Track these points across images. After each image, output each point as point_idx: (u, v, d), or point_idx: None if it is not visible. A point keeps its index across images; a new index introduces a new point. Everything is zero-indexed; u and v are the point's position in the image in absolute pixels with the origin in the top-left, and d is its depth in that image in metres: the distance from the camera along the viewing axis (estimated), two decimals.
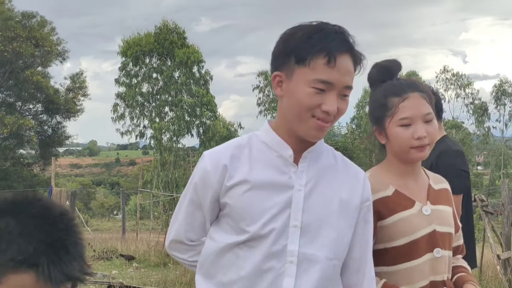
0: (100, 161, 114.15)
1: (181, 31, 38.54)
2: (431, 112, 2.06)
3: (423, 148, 2.05)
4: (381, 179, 2.11)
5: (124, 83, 38.05)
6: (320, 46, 1.66)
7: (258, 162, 1.76)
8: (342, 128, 28.69)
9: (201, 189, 1.80)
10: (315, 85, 1.67)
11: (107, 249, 12.98)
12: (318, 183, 1.78)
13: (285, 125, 1.77)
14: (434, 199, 2.13)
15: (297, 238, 1.72)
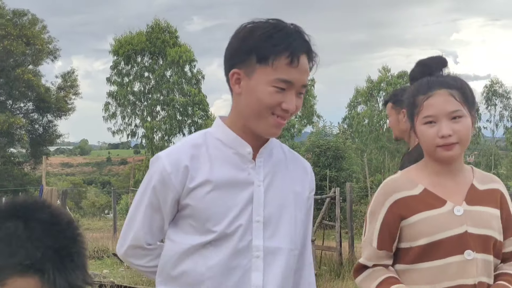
0: (91, 160, 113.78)
1: (173, 30, 38.49)
2: (458, 109, 1.97)
3: (449, 147, 1.98)
4: (411, 178, 2.08)
5: (116, 82, 37.95)
6: (283, 46, 1.68)
7: (216, 161, 1.77)
8: (333, 128, 28.74)
9: (161, 192, 1.76)
10: (276, 84, 1.69)
11: (98, 248, 12.96)
12: (274, 177, 1.82)
13: (242, 122, 1.78)
14: (474, 199, 2.03)
15: (261, 233, 1.75)
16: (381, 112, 42.55)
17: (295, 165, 1.91)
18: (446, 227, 1.98)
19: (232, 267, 1.73)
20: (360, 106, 44.82)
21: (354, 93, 45.49)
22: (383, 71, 45.00)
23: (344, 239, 11.55)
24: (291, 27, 1.73)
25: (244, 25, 1.77)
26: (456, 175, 2.07)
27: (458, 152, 2.00)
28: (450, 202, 2.02)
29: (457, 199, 2.03)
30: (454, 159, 2.03)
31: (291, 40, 1.70)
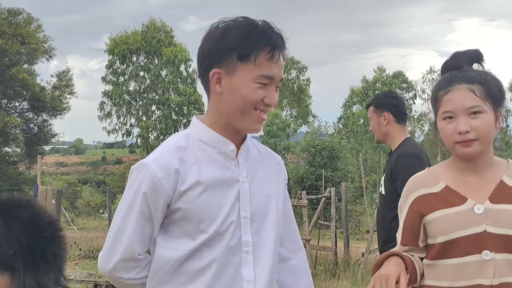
0: (86, 159, 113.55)
1: (169, 30, 38.47)
2: (477, 105, 1.91)
3: (467, 144, 1.92)
4: (435, 175, 2.06)
5: (111, 81, 37.90)
6: (263, 42, 1.71)
7: (202, 161, 1.77)
8: (329, 127, 28.76)
9: (152, 198, 1.73)
10: (260, 80, 1.72)
11: (93, 248, 12.92)
12: (255, 172, 1.85)
13: (224, 120, 1.79)
14: (500, 197, 1.94)
15: (248, 229, 1.79)
16: None
17: (269, 159, 1.96)
18: (464, 225, 1.94)
19: (224, 264, 1.75)
20: (355, 106, 44.91)
21: (349, 93, 45.59)
22: (378, 71, 45.12)
23: (339, 239, 11.55)
24: (265, 23, 1.76)
25: (215, 25, 1.78)
26: (483, 172, 2.00)
27: (478, 149, 1.93)
28: (471, 200, 1.96)
29: (480, 196, 1.96)
30: (474, 156, 1.96)
31: (270, 36, 1.72)
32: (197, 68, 1.82)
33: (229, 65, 1.72)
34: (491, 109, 1.94)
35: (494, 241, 1.91)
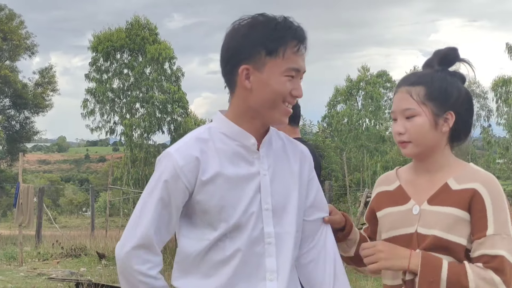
0: (69, 157, 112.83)
1: (153, 27, 38.26)
2: (411, 108, 1.95)
3: (403, 145, 1.98)
4: (395, 174, 2.13)
5: (95, 78, 37.62)
6: (289, 36, 1.77)
7: (223, 154, 1.82)
8: (313, 126, 28.85)
9: (173, 186, 1.77)
10: (288, 73, 1.78)
11: (76, 246, 12.84)
12: (277, 165, 1.89)
13: (249, 114, 1.83)
14: (439, 199, 1.95)
15: (270, 220, 1.82)
16: (360, 111, 42.85)
17: (294, 150, 1.97)
18: (401, 225, 2.00)
19: (248, 255, 1.79)
20: (339, 105, 45.01)
21: (333, 92, 45.67)
22: (363, 70, 45.26)
23: None
24: (285, 18, 1.81)
25: (237, 23, 1.82)
26: (433, 174, 2.02)
27: (413, 151, 1.98)
28: (412, 201, 2.01)
29: (422, 198, 2.00)
30: (411, 157, 2.03)
31: (294, 30, 1.79)
32: (222, 65, 1.85)
33: (258, 61, 1.77)
34: (429, 112, 1.95)
35: (421, 242, 1.94)
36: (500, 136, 48.35)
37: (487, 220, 1.87)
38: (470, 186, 1.92)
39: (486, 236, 1.86)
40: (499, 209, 1.89)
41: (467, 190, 1.92)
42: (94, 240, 14.39)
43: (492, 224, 1.87)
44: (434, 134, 1.96)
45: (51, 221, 20.50)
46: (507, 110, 42.76)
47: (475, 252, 1.88)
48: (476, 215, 1.89)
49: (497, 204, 1.89)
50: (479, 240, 1.87)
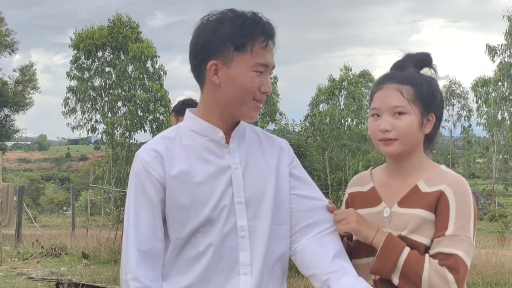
0: (50, 155, 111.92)
1: (135, 25, 38.08)
2: (402, 105, 1.93)
3: (388, 143, 1.95)
4: (369, 174, 2.12)
5: (76, 76, 37.36)
6: (258, 31, 1.77)
7: (192, 150, 1.82)
8: (295, 126, 28.86)
9: (145, 182, 1.78)
10: (256, 69, 1.78)
11: (56, 245, 12.74)
12: (250, 158, 1.88)
13: (219, 110, 1.83)
14: (408, 201, 1.96)
15: (244, 213, 1.81)
16: (342, 110, 43.04)
17: (271, 144, 1.96)
18: None
19: (220, 249, 1.78)
20: (322, 105, 45.20)
21: (316, 92, 45.84)
22: (345, 70, 45.49)
23: None
24: (254, 14, 1.81)
25: (206, 18, 1.82)
26: (406, 176, 2.01)
27: (398, 149, 1.95)
28: (384, 203, 2.01)
29: (393, 200, 2.00)
30: (394, 156, 1.98)
31: (262, 25, 1.79)
32: (190, 60, 1.85)
33: (226, 56, 1.77)
34: (418, 112, 1.95)
35: None
36: (480, 136, 48.88)
37: (449, 220, 1.88)
38: (438, 189, 1.93)
39: (444, 235, 1.87)
40: (462, 211, 1.89)
41: (435, 192, 1.93)
42: (74, 239, 14.29)
43: (452, 225, 1.87)
44: (419, 134, 1.97)
45: (31, 220, 20.32)
46: (487, 110, 43.22)
47: (432, 250, 1.89)
48: (439, 215, 1.90)
49: (461, 206, 1.90)
50: (437, 239, 1.88)
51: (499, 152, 45.55)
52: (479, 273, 9.16)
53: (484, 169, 51.75)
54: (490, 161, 47.67)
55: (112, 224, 17.40)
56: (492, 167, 46.65)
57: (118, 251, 11.68)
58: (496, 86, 42.29)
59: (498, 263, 9.53)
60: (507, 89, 41.93)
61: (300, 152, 24.44)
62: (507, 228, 21.77)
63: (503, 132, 43.63)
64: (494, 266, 9.43)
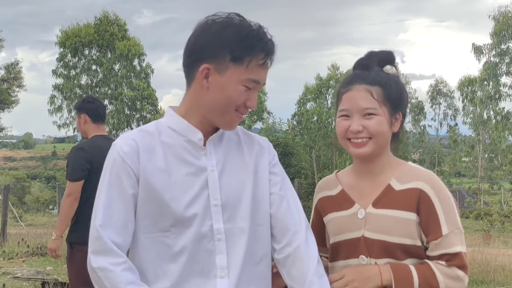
0: (35, 154, 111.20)
1: (122, 23, 37.93)
2: (372, 107, 1.93)
3: (360, 145, 1.94)
4: (338, 178, 2.09)
5: (62, 74, 37.16)
6: (259, 48, 1.74)
7: (170, 148, 1.79)
8: (283, 124, 28.91)
9: (120, 170, 1.75)
10: (247, 84, 1.75)
11: (42, 244, 12.64)
12: (228, 160, 1.85)
13: (200, 112, 1.80)
14: (383, 201, 1.95)
15: (220, 216, 1.78)
16: (330, 109, 43.12)
17: (251, 143, 1.93)
18: (347, 229, 1.98)
19: (196, 252, 1.76)
20: (309, 103, 45.29)
21: (303, 90, 45.91)
22: (332, 68, 45.59)
23: None
24: (260, 28, 1.78)
25: (211, 19, 1.78)
26: (376, 176, 2.01)
27: (370, 150, 1.94)
28: (357, 205, 1.99)
29: (366, 201, 1.98)
30: (366, 156, 1.97)
31: (265, 42, 1.75)
32: (184, 56, 1.81)
33: (221, 64, 1.73)
34: (387, 112, 1.95)
35: (370, 246, 1.93)
36: (466, 135, 49.23)
37: (439, 220, 1.90)
38: (414, 186, 1.94)
39: (442, 236, 1.89)
40: (447, 206, 1.92)
41: (411, 190, 1.93)
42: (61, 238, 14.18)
43: (444, 224, 1.90)
44: (388, 134, 1.97)
45: (16, 219, 20.16)
46: (473, 109, 43.55)
47: (433, 252, 1.91)
48: (427, 216, 1.91)
49: (444, 201, 1.92)
50: (435, 241, 1.90)
51: (485, 151, 45.92)
52: None
53: (470, 167, 52.15)
54: (475, 159, 48.05)
55: None
56: (477, 166, 47.04)
57: None
58: (481, 85, 42.61)
59: (484, 261, 9.60)
60: (492, 88, 42.27)
61: (288, 151, 24.54)
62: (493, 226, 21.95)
63: (489, 131, 43.98)
64: (479, 264, 9.50)
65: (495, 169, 47.76)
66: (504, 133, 42.25)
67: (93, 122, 4.66)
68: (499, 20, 41.00)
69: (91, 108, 4.65)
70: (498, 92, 42.11)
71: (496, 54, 42.02)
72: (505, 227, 24.06)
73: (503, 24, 40.63)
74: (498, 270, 9.23)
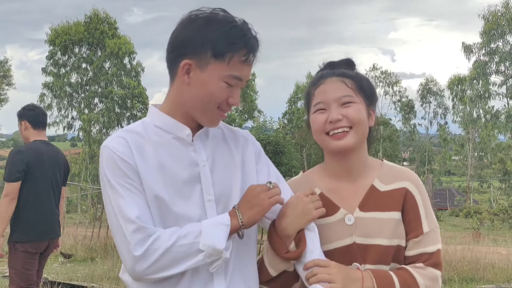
0: None
1: (112, 21, 37.80)
2: (349, 95, 1.87)
3: (339, 136, 1.86)
4: (310, 180, 1.99)
5: (52, 72, 36.98)
6: (241, 44, 1.71)
7: (159, 146, 1.77)
8: (274, 123, 28.94)
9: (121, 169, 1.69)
10: (228, 80, 1.72)
11: None
12: (216, 155, 1.83)
13: (183, 110, 1.78)
14: (370, 204, 1.88)
15: (214, 211, 1.76)
16: None
17: (235, 137, 1.91)
18: (336, 237, 1.87)
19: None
20: (300, 102, 45.35)
21: (294, 89, 46.00)
22: None
23: None
24: (244, 23, 1.75)
25: (195, 14, 1.76)
26: (356, 177, 1.93)
27: (352, 141, 1.86)
28: (342, 210, 1.89)
29: (351, 205, 1.89)
30: (348, 150, 1.88)
31: (247, 39, 1.72)
32: (167, 51, 1.79)
33: (202, 60, 1.71)
34: (363, 102, 1.90)
35: (363, 253, 1.85)
36: (456, 134, 49.52)
37: (421, 218, 1.88)
38: (400, 186, 1.90)
39: (423, 234, 1.86)
40: (427, 204, 1.91)
41: (397, 190, 1.89)
42: None
43: (425, 222, 1.88)
44: (367, 125, 1.91)
45: None
46: (463, 108, 43.79)
47: (412, 251, 1.86)
48: (409, 214, 1.88)
49: (425, 200, 1.91)
50: (416, 239, 1.86)
51: (474, 149, 46.18)
52: (455, 269, 9.28)
53: (459, 166, 52.43)
54: (465, 158, 48.32)
55: (88, 222, 17.25)
56: (467, 164, 47.30)
57: (94, 249, 11.60)
58: (471, 84, 42.86)
59: (474, 259, 9.65)
60: (482, 87, 42.53)
61: (278, 149, 24.56)
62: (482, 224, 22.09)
63: (478, 130, 44.25)
64: (469, 262, 9.55)
65: (485, 167, 48.04)
66: (494, 132, 42.54)
67: (34, 128, 4.96)
68: (489, 19, 41.25)
69: (31, 115, 4.95)
70: (487, 91, 42.39)
71: (486, 53, 42.28)
72: (495, 225, 24.22)
73: (492, 23, 40.88)
74: (488, 268, 9.29)
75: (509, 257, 10.22)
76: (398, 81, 51.72)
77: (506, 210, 26.80)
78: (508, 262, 9.79)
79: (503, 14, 40.82)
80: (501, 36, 41.42)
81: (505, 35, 41.35)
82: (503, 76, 42.43)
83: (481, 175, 47.44)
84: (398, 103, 51.20)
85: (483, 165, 48.31)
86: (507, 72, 42.28)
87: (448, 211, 37.53)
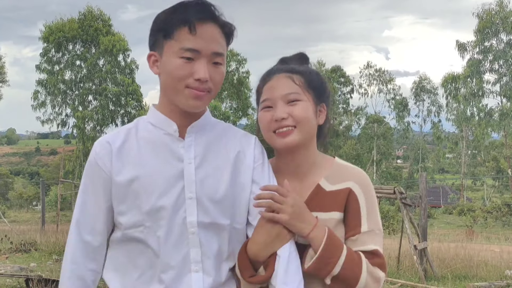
0: (19, 150, 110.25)
1: (107, 18, 37.68)
2: (295, 92, 1.84)
3: (285, 134, 1.84)
4: None
5: (46, 69, 36.84)
6: (181, 16, 1.71)
7: (146, 142, 1.80)
8: None
9: (93, 173, 1.79)
10: (182, 55, 1.70)
11: (25, 241, 12.57)
12: (208, 154, 1.81)
13: (167, 101, 1.81)
14: (313, 204, 1.84)
15: (194, 210, 1.74)
16: None
17: (234, 136, 1.89)
18: None
19: (170, 245, 1.73)
20: None
21: None
22: (318, 65, 45.72)
23: None
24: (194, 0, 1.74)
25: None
26: (304, 175, 1.92)
27: (296, 139, 1.84)
28: None
29: None
30: (294, 147, 1.86)
31: (189, 10, 1.71)
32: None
33: (160, 46, 1.75)
34: (311, 99, 1.88)
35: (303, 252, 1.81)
36: (449, 131, 49.68)
37: (361, 217, 1.84)
38: (344, 186, 1.87)
39: (360, 233, 1.83)
40: (372, 205, 1.87)
41: (342, 191, 1.87)
42: (44, 235, 14.10)
43: (366, 222, 1.84)
44: (314, 123, 1.89)
45: None
46: (456, 106, 43.88)
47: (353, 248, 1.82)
48: (349, 212, 1.85)
49: (370, 201, 1.87)
50: (353, 237, 1.83)
51: (468, 147, 46.34)
52: (448, 267, 9.32)
53: (453, 164, 52.59)
54: (459, 156, 48.46)
55: None
56: (461, 162, 47.46)
57: None
58: (465, 82, 42.95)
59: (467, 257, 9.71)
60: (476, 85, 42.63)
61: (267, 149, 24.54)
62: (476, 222, 22.17)
63: (472, 128, 44.38)
64: (462, 259, 9.60)
65: (478, 165, 48.21)
66: (487, 130, 42.65)
67: None
68: (483, 18, 41.34)
69: None
70: (481, 89, 42.49)
71: (480, 52, 42.38)
72: (488, 223, 24.31)
73: (486, 22, 40.97)
74: (481, 265, 9.34)
75: (502, 255, 10.28)
76: (392, 79, 51.83)
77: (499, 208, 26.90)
78: (501, 260, 9.85)
79: (497, 12, 40.92)
80: (495, 34, 41.52)
81: (499, 34, 41.45)
82: (497, 74, 42.54)
83: (474, 173, 47.61)
84: (392, 101, 51.34)
85: (476, 163, 48.47)
86: (500, 70, 42.39)
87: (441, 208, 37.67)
